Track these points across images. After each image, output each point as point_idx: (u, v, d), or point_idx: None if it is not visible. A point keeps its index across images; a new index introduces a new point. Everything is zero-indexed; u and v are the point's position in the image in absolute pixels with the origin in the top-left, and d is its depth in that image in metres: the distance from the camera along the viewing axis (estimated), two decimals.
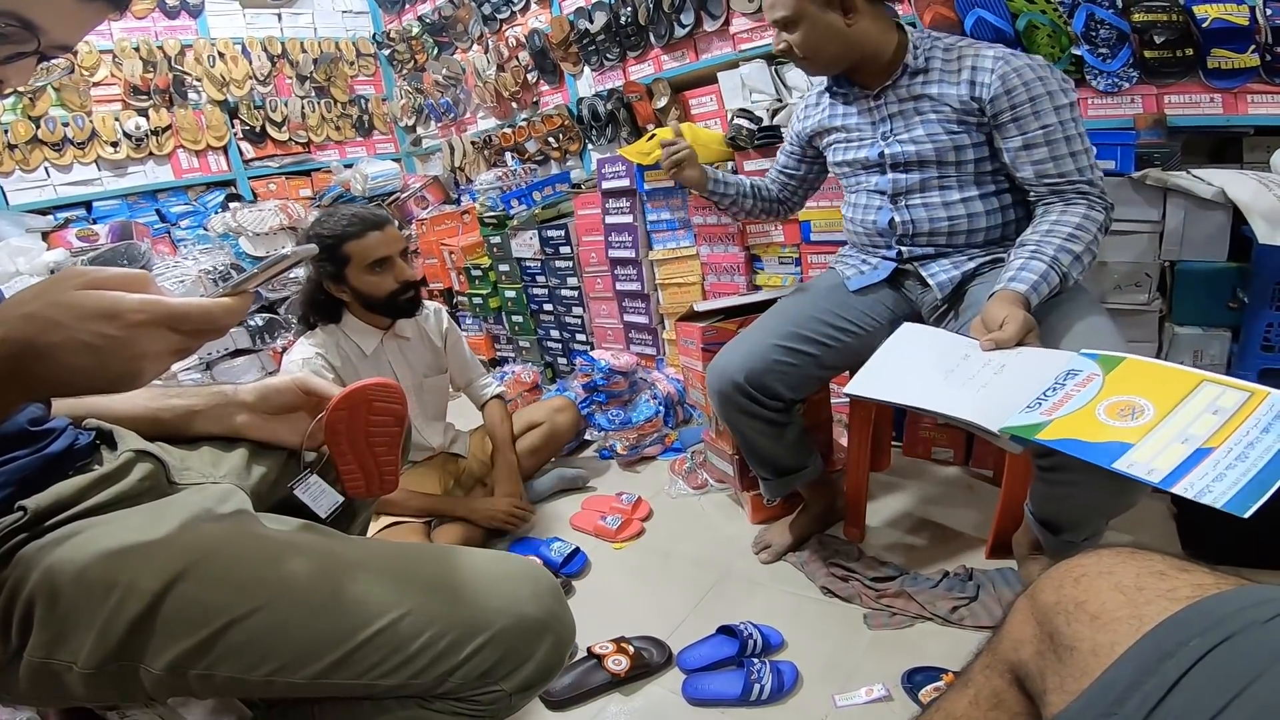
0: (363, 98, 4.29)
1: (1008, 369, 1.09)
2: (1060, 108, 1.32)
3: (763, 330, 1.52)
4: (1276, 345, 1.55)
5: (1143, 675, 0.48)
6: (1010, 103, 1.33)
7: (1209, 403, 0.83)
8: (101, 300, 0.54)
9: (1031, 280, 1.24)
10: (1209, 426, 0.80)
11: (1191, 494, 0.73)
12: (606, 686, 1.37)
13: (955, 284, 1.47)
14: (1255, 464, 0.73)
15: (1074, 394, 0.94)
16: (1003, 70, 1.33)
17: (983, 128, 1.39)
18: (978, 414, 1.02)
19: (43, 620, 0.67)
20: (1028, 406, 0.96)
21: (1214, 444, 0.77)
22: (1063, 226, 1.29)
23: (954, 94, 1.38)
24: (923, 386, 1.14)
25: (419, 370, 1.97)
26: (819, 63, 1.45)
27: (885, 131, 1.47)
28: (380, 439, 0.91)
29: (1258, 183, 1.52)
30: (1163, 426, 0.83)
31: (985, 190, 1.45)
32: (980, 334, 1.19)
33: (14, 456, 0.74)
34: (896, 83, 1.43)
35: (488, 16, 3.46)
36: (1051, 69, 1.35)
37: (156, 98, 3.64)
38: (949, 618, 1.41)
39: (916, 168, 1.46)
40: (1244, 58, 1.74)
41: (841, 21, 1.37)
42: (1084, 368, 0.98)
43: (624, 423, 2.31)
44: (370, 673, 0.70)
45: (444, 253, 3.44)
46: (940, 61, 1.40)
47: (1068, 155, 1.33)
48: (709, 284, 2.50)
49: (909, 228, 1.49)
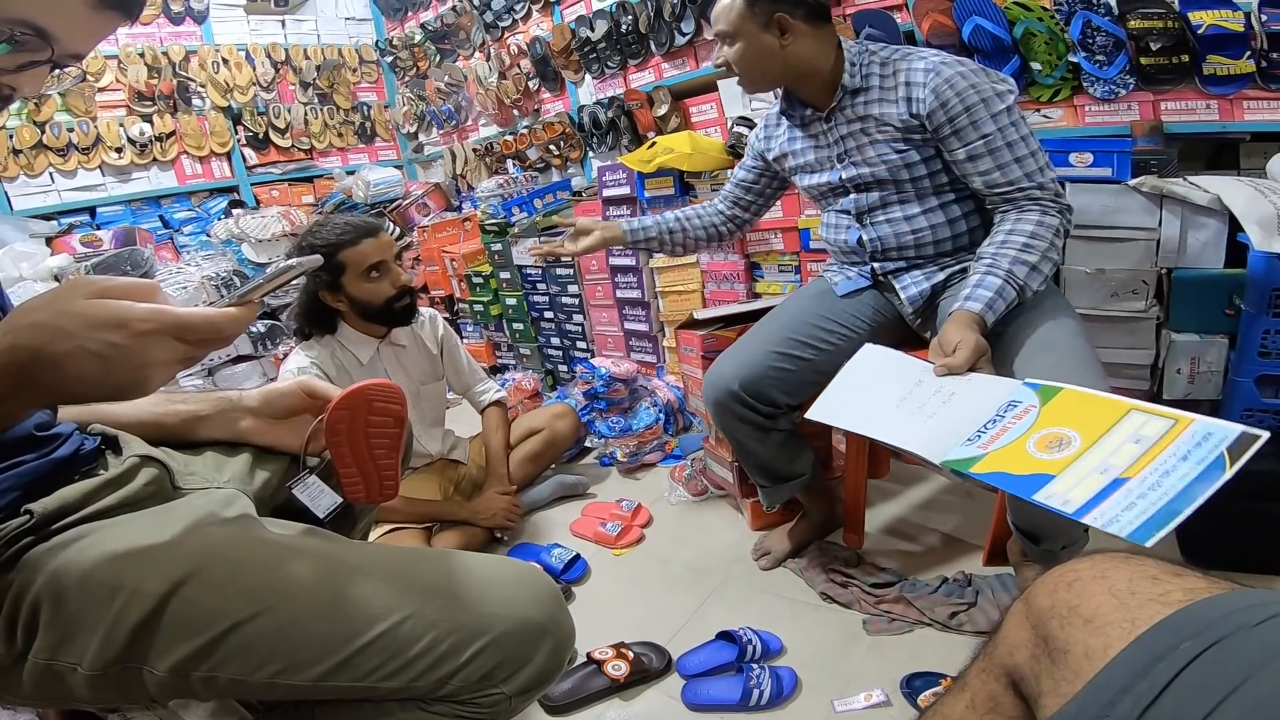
0: (365, 104, 4.32)
1: (956, 397, 1.10)
2: (997, 114, 1.31)
3: (756, 338, 1.53)
4: (1273, 352, 1.55)
5: (1135, 678, 0.49)
6: (947, 115, 1.33)
7: (1133, 432, 0.84)
8: (109, 310, 0.55)
9: (986, 298, 1.24)
10: (1129, 456, 0.81)
11: (1100, 524, 0.74)
12: (606, 691, 1.37)
13: (926, 297, 1.49)
14: (1166, 493, 0.74)
15: (1010, 426, 0.96)
16: (934, 84, 1.32)
17: (929, 142, 1.39)
18: (923, 446, 1.04)
19: (48, 622, 0.68)
20: (968, 439, 0.99)
21: (1130, 474, 0.79)
22: (1016, 237, 1.29)
23: (894, 113, 1.38)
24: (874, 415, 1.16)
25: (416, 378, 1.98)
26: (753, 80, 1.48)
27: (840, 154, 1.49)
28: (380, 441, 0.91)
29: (1254, 190, 1.53)
30: (1086, 457, 0.85)
31: (944, 200, 1.45)
32: (937, 356, 1.20)
33: (21, 461, 0.75)
34: (841, 104, 1.44)
35: (490, 24, 3.48)
36: (985, 72, 1.34)
37: (161, 103, 3.66)
38: (948, 623, 1.42)
39: (875, 187, 1.47)
40: (1240, 64, 1.75)
41: (777, 43, 1.39)
42: (1024, 399, 1.00)
43: (624, 430, 2.32)
44: (371, 675, 0.70)
45: (445, 260, 3.45)
46: (878, 79, 1.41)
47: (1012, 162, 1.32)
48: (709, 292, 2.51)
49: (877, 244, 1.51)
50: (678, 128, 2.81)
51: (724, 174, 2.35)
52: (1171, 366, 1.70)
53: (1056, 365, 1.19)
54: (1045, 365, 1.20)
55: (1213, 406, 1.69)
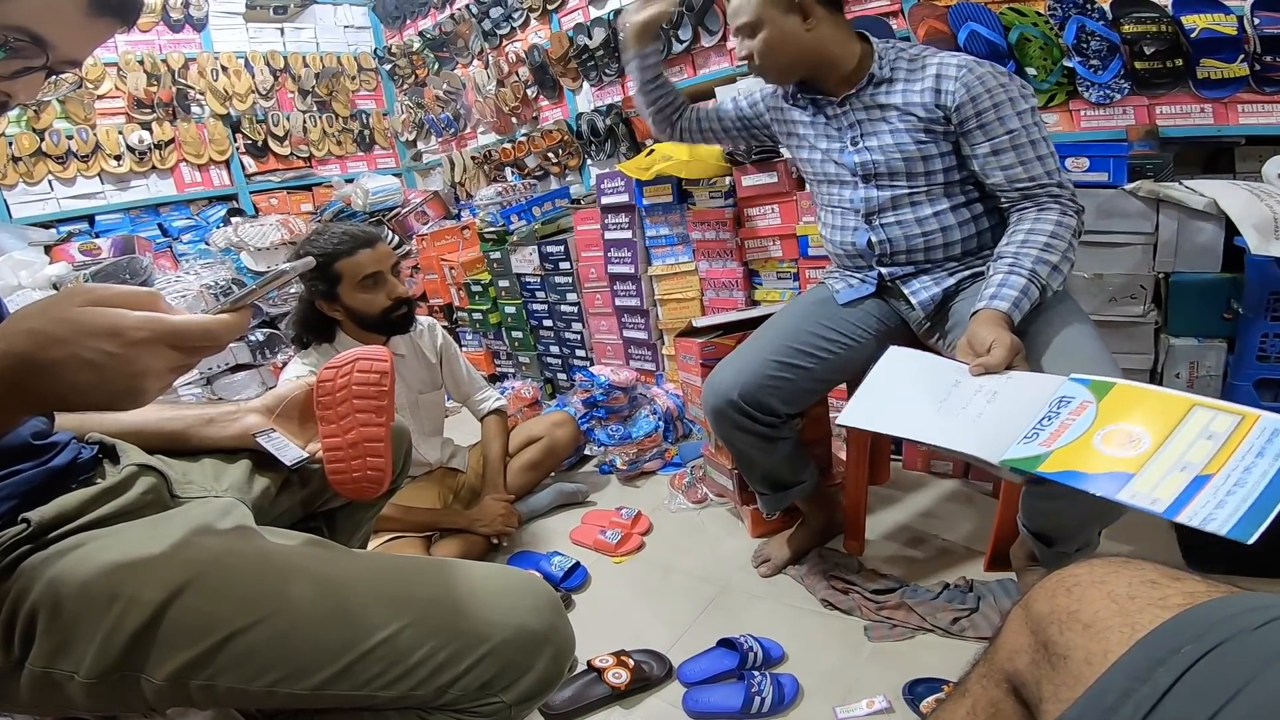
0: (364, 112, 4.33)
1: (1000, 396, 1.09)
2: (1022, 112, 1.33)
3: (755, 347, 1.53)
4: (1272, 355, 1.55)
5: (1135, 682, 0.49)
6: (975, 109, 1.34)
7: (1203, 428, 0.83)
8: (103, 318, 0.55)
9: (1013, 297, 1.24)
10: (1205, 452, 0.80)
11: (1196, 522, 0.73)
12: (607, 699, 1.37)
13: (937, 302, 1.48)
14: (1254, 489, 0.73)
15: (1070, 423, 0.94)
16: (967, 78, 1.34)
17: (949, 136, 1.40)
18: (977, 447, 1.02)
19: (45, 630, 0.68)
20: (1025, 437, 0.96)
21: (1211, 470, 0.77)
22: (1038, 235, 1.30)
23: (919, 101, 1.39)
24: (917, 418, 1.13)
25: (414, 387, 1.97)
26: (778, 68, 1.48)
27: (855, 137, 1.48)
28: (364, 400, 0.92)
29: (1249, 193, 1.54)
30: (1160, 454, 0.83)
31: (956, 202, 1.45)
32: (968, 356, 1.19)
33: (18, 470, 0.75)
34: (861, 91, 1.45)
35: (488, 32, 3.49)
36: (1011, 75, 1.36)
37: (160, 111, 3.67)
38: (950, 629, 1.41)
39: (888, 181, 1.46)
40: (1233, 67, 1.76)
41: (801, 26, 1.40)
42: (1076, 394, 0.98)
43: (624, 438, 2.32)
44: (371, 684, 0.70)
45: (444, 268, 3.45)
46: (905, 70, 1.42)
47: (1035, 159, 1.33)
48: (708, 299, 2.51)
49: (886, 247, 1.50)
50: None
51: (722, 180, 2.36)
52: (1170, 371, 1.70)
53: (1085, 363, 1.17)
54: (1077, 362, 1.17)
55: None
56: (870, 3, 2.29)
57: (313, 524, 1.11)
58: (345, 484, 0.93)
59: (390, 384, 0.95)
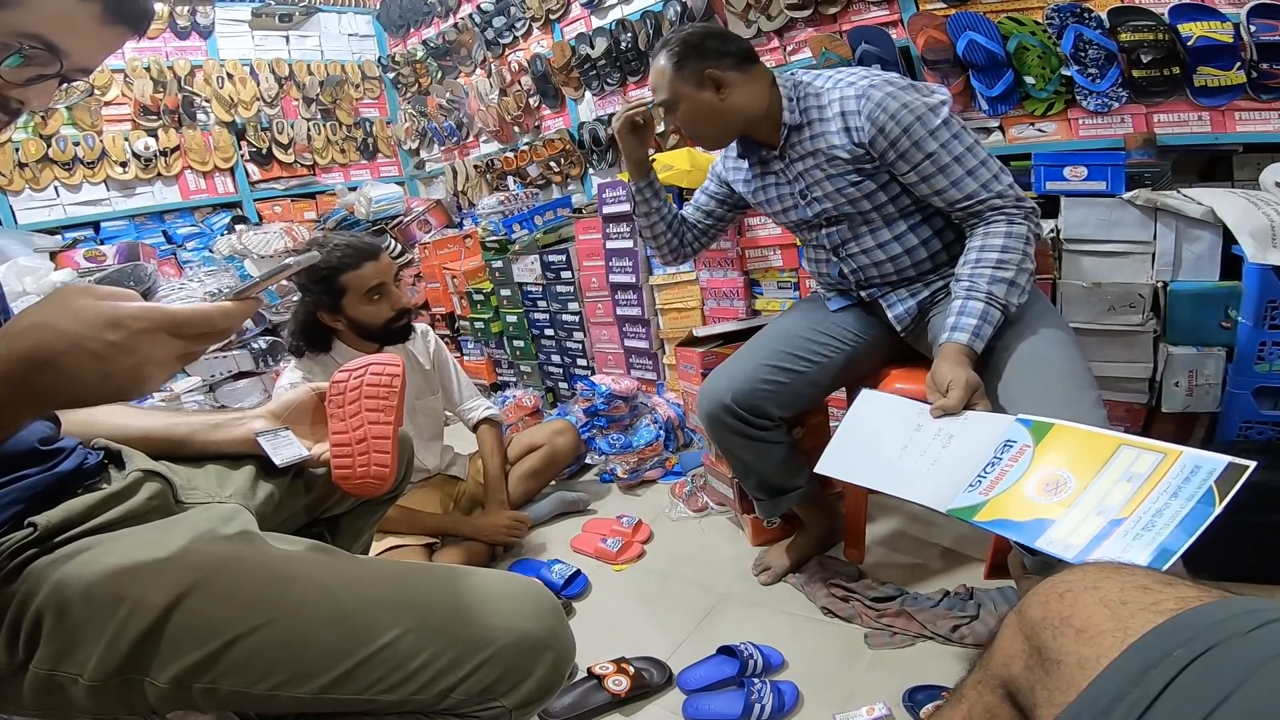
0: (367, 120, 4.35)
1: (954, 440, 1.13)
2: (935, 130, 1.30)
3: (749, 353, 1.54)
4: (1270, 363, 1.56)
5: (1128, 686, 0.49)
6: (888, 140, 1.32)
7: (1125, 469, 0.87)
8: (103, 309, 0.55)
9: (972, 326, 1.25)
10: (1123, 495, 0.84)
11: None
12: (607, 707, 1.37)
13: (913, 314, 1.50)
14: (1160, 533, 0.77)
15: (1009, 469, 1.00)
16: (867, 110, 1.32)
17: (880, 169, 1.39)
18: (929, 496, 1.08)
19: (50, 633, 0.68)
20: (969, 485, 1.02)
21: (1125, 514, 0.82)
22: (988, 253, 1.29)
23: (838, 144, 1.38)
24: (879, 467, 1.20)
25: (411, 393, 1.97)
26: (706, 139, 1.50)
27: (802, 189, 1.49)
28: (374, 401, 0.95)
29: (1247, 202, 1.54)
30: (1082, 499, 0.88)
31: (912, 221, 1.45)
32: (932, 394, 1.21)
33: (25, 474, 0.75)
34: (790, 141, 1.45)
35: (491, 41, 3.52)
36: (914, 87, 1.34)
37: (166, 118, 3.69)
38: (950, 637, 1.41)
39: (844, 219, 1.48)
40: (1230, 75, 1.77)
41: (715, 98, 1.41)
42: (1019, 438, 1.03)
43: (624, 447, 2.32)
44: (372, 688, 0.71)
45: (446, 277, 3.46)
46: (816, 110, 1.41)
47: (965, 175, 1.31)
48: (708, 309, 2.52)
49: (859, 275, 1.53)
50: (676, 145, 2.83)
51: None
52: (1169, 380, 1.70)
53: (1046, 383, 1.21)
54: (1035, 384, 1.22)
55: (1211, 419, 1.70)
56: (870, 13, 2.30)
57: (315, 530, 1.12)
58: (350, 480, 0.94)
59: (401, 386, 0.97)
